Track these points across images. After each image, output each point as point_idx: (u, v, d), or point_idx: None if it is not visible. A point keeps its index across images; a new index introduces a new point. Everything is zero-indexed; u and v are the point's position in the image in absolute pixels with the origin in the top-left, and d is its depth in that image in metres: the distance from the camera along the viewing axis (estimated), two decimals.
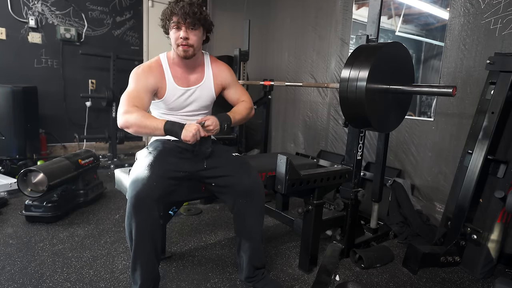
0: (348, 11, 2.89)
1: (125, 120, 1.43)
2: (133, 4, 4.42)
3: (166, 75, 1.58)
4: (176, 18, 1.48)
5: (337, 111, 3.01)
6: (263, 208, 1.55)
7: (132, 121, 1.41)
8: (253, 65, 3.64)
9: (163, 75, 1.58)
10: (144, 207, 1.30)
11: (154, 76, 1.55)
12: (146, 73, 1.54)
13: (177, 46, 1.52)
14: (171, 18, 1.49)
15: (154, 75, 1.55)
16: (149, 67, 1.57)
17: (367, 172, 2.63)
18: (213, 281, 1.66)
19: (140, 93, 1.51)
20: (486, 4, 2.04)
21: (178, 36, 1.50)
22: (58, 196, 2.28)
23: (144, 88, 1.52)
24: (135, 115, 1.41)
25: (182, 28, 1.49)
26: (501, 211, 1.80)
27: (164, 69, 1.59)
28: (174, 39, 1.52)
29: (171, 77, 1.59)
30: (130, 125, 1.42)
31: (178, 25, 1.49)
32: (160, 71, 1.58)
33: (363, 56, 1.47)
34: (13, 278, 1.60)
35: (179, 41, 1.51)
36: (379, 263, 1.87)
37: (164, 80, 1.57)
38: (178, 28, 1.50)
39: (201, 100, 1.66)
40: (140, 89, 1.51)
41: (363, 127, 1.72)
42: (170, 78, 1.58)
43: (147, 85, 1.53)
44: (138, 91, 1.51)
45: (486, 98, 1.91)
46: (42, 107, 3.64)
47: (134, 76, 1.55)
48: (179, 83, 1.60)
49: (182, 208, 2.50)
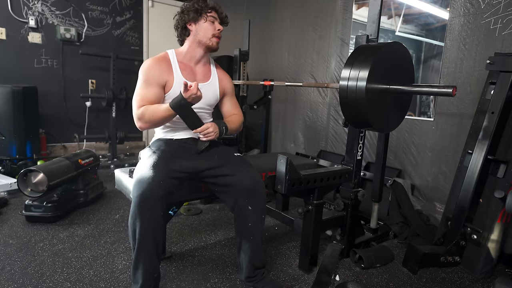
0: (348, 11, 2.89)
1: (141, 123, 1.53)
2: (133, 4, 4.42)
3: (174, 69, 1.61)
4: (215, 13, 1.65)
5: (337, 111, 3.01)
6: (264, 208, 1.55)
7: (146, 119, 1.51)
8: (253, 65, 3.64)
9: (170, 69, 1.60)
10: (148, 206, 1.31)
11: (162, 69, 1.58)
12: (154, 66, 1.57)
13: (212, 37, 1.64)
14: (207, 11, 1.63)
15: (161, 68, 1.58)
16: (158, 59, 1.61)
17: (367, 172, 2.64)
18: (213, 281, 1.66)
19: (150, 89, 1.55)
20: (486, 4, 2.04)
21: (215, 28, 1.65)
22: (58, 196, 2.28)
23: (154, 84, 1.55)
24: (145, 115, 1.50)
25: (217, 22, 1.66)
26: (501, 211, 1.80)
27: (172, 64, 1.62)
28: (210, 31, 1.63)
29: (179, 72, 1.61)
30: (146, 125, 1.53)
31: (215, 19, 1.65)
32: (168, 65, 1.61)
33: (363, 56, 1.47)
34: (13, 278, 1.60)
35: (216, 32, 1.65)
36: (379, 263, 1.87)
37: (171, 74, 1.59)
38: (213, 22, 1.64)
39: (207, 98, 1.67)
40: (150, 85, 1.55)
41: (363, 127, 1.72)
42: (178, 72, 1.61)
43: (157, 80, 1.56)
44: (148, 88, 1.55)
45: (486, 98, 1.91)
46: (42, 107, 3.65)
47: (143, 73, 1.57)
48: (188, 78, 1.62)
49: (182, 208, 2.50)
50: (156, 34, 4.64)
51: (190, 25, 1.63)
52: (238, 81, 2.86)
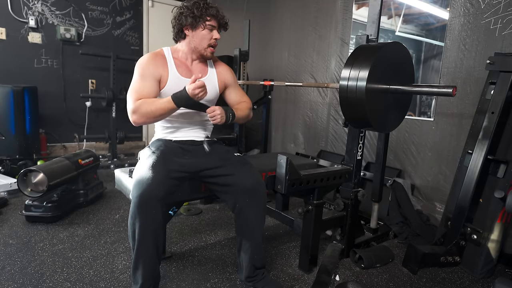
0: (348, 11, 2.89)
1: (136, 116, 1.47)
2: (133, 4, 4.41)
3: (169, 65, 1.60)
4: (214, 21, 1.57)
5: (337, 111, 3.01)
6: (265, 208, 1.55)
7: (143, 112, 1.46)
8: (253, 65, 3.64)
9: (166, 65, 1.59)
10: (148, 207, 1.31)
11: (157, 64, 1.57)
12: (150, 61, 1.56)
13: (208, 47, 1.60)
14: (206, 19, 1.55)
15: (157, 63, 1.57)
16: (154, 54, 1.60)
17: (367, 172, 2.63)
18: (213, 281, 1.66)
19: (146, 82, 1.53)
20: (486, 4, 2.04)
21: (211, 37, 1.59)
22: (58, 196, 2.28)
23: (150, 79, 1.54)
24: (141, 108, 1.46)
25: (215, 31, 1.59)
26: (501, 211, 1.80)
27: (168, 60, 1.61)
28: (206, 40, 1.59)
29: (175, 67, 1.60)
30: (141, 119, 1.48)
31: (213, 27, 1.58)
32: (163, 61, 1.60)
33: (363, 56, 1.47)
34: (13, 278, 1.60)
35: (213, 41, 1.60)
36: (379, 263, 1.87)
37: (166, 70, 1.58)
38: (211, 30, 1.58)
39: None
40: (146, 79, 1.53)
41: (363, 127, 1.72)
42: (174, 68, 1.60)
43: (153, 74, 1.55)
44: (144, 81, 1.53)
45: (486, 98, 1.91)
46: (42, 107, 3.65)
47: (139, 66, 1.56)
48: (183, 74, 1.61)
49: (182, 208, 2.50)
50: (156, 34, 4.63)
51: (187, 30, 1.59)
52: (238, 81, 2.86)
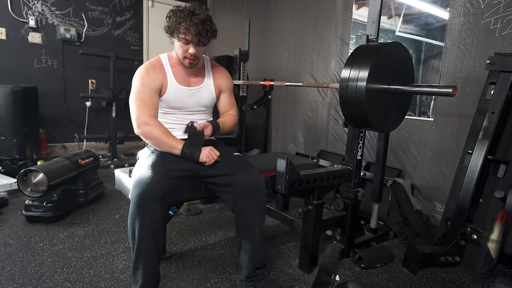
0: (348, 11, 2.89)
1: (147, 132, 1.48)
2: (133, 4, 4.41)
3: (167, 74, 1.59)
4: (188, 35, 1.45)
5: (337, 111, 3.01)
6: (265, 207, 1.56)
7: (153, 135, 1.48)
8: (253, 65, 3.64)
9: (164, 74, 1.59)
10: (148, 206, 1.32)
11: (156, 73, 1.56)
12: (150, 72, 1.55)
13: (184, 58, 1.53)
14: (180, 31, 1.45)
15: (157, 73, 1.56)
16: (152, 65, 1.59)
17: (367, 172, 2.63)
18: (213, 281, 1.66)
19: (152, 96, 1.53)
20: (486, 4, 2.04)
21: (186, 50, 1.50)
22: (58, 196, 2.28)
23: (152, 88, 1.54)
24: (157, 131, 1.48)
25: (191, 45, 1.48)
26: (501, 211, 1.80)
27: (165, 68, 1.60)
28: (181, 52, 1.51)
29: (173, 76, 1.59)
30: (151, 138, 1.49)
31: (189, 42, 1.47)
32: (162, 70, 1.59)
33: (363, 56, 1.47)
34: (13, 278, 1.60)
35: (187, 55, 1.51)
36: (379, 263, 1.87)
37: (165, 78, 1.58)
38: (186, 44, 1.48)
39: (202, 100, 1.67)
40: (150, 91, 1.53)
41: (363, 127, 1.72)
42: (172, 77, 1.59)
43: (155, 84, 1.54)
44: (150, 95, 1.52)
45: (486, 98, 1.91)
46: (42, 107, 3.65)
47: (140, 77, 1.54)
48: (181, 82, 1.61)
49: (182, 208, 2.50)
50: (156, 34, 4.63)
51: (170, 37, 1.55)
52: (238, 81, 2.86)
